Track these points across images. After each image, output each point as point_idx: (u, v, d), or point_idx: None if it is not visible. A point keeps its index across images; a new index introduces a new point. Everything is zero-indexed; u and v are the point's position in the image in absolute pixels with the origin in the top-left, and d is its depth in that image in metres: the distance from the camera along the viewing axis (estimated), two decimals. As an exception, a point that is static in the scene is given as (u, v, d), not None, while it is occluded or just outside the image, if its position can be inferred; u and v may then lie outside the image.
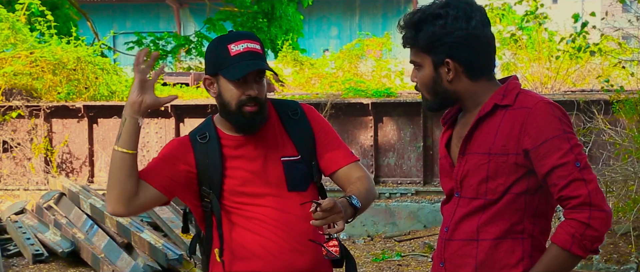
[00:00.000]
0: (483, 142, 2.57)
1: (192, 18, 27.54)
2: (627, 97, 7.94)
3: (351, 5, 28.12)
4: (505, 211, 2.56)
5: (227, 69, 2.87)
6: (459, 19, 2.53)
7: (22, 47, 11.79)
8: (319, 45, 26.51)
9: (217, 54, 2.91)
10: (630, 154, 7.45)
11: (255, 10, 18.33)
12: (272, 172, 2.97)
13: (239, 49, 2.87)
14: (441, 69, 2.58)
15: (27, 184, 11.37)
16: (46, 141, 11.43)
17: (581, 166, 2.46)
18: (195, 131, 3.03)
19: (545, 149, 2.46)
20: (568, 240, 2.45)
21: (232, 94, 2.88)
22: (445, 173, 2.74)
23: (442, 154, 2.76)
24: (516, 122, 2.52)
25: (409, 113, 10.82)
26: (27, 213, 9.39)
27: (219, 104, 2.96)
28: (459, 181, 2.64)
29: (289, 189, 2.99)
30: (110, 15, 27.86)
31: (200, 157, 2.94)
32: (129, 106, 2.85)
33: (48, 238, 8.57)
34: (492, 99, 2.59)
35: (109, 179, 2.84)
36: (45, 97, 11.73)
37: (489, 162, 2.54)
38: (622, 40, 11.52)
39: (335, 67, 15.50)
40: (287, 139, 3.05)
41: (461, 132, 2.68)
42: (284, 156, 3.01)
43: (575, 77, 13.05)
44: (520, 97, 2.57)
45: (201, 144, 2.96)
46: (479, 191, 2.58)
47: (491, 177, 2.54)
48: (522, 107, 2.53)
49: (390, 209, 10.03)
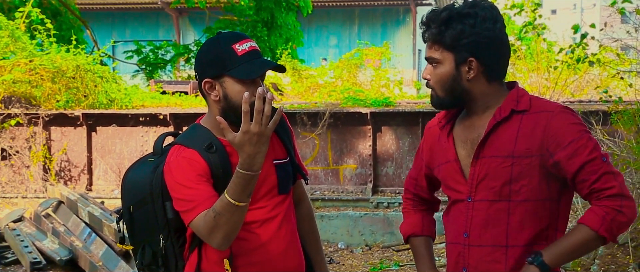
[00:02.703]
0: (502, 145, 2.60)
1: (191, 27, 27.58)
2: (625, 108, 7.94)
3: (350, 14, 28.16)
4: (533, 217, 2.59)
5: (238, 68, 2.75)
6: (487, 20, 2.58)
7: (22, 55, 11.81)
8: (318, 55, 26.56)
9: (221, 55, 2.78)
10: (629, 165, 7.44)
11: (255, 19, 18.35)
12: (265, 176, 2.89)
13: (245, 49, 2.78)
14: (462, 67, 2.61)
15: (25, 192, 11.36)
16: (45, 148, 11.43)
17: (607, 160, 2.54)
18: (196, 142, 2.84)
19: (573, 148, 2.51)
20: (598, 221, 2.49)
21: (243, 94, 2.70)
22: (453, 177, 2.73)
23: (450, 158, 2.74)
24: (537, 125, 2.56)
25: (407, 123, 10.83)
26: (25, 221, 9.39)
27: (224, 107, 2.80)
28: (475, 185, 2.65)
29: (279, 192, 2.95)
30: (109, 23, 27.92)
31: (214, 169, 2.79)
32: (261, 162, 2.60)
33: (46, 246, 8.55)
34: (507, 103, 2.62)
35: (221, 223, 2.65)
36: (44, 105, 11.73)
37: (513, 165, 2.57)
38: (621, 51, 11.54)
39: (334, 77, 15.53)
40: (277, 141, 3.00)
41: (468, 136, 2.70)
42: (276, 158, 2.95)
43: (574, 88, 13.06)
44: (535, 101, 2.63)
45: (211, 155, 2.80)
46: (501, 193, 2.60)
47: (515, 179, 2.57)
48: (542, 111, 2.59)
49: (388, 218, 10.02)
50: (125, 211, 2.98)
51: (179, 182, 2.76)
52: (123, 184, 3.02)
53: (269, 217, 2.92)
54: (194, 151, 2.80)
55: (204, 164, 2.77)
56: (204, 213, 2.69)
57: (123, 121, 11.50)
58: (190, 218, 2.73)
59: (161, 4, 26.47)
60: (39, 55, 11.91)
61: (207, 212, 2.69)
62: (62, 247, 8.40)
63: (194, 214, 2.72)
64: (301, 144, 11.00)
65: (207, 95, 2.84)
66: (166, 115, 11.13)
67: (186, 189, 2.75)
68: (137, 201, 2.93)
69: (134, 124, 11.44)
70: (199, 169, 2.76)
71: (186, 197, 2.74)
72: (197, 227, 2.72)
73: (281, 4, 18.24)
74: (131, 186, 2.97)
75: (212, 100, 2.83)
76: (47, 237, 8.76)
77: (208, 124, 2.91)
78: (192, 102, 12.59)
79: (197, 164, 2.77)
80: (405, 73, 22.21)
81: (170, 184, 2.79)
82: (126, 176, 3.02)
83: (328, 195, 10.92)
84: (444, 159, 2.77)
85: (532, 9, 11.96)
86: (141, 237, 2.97)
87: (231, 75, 2.76)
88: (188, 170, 2.77)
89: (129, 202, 2.97)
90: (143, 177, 2.91)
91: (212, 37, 2.88)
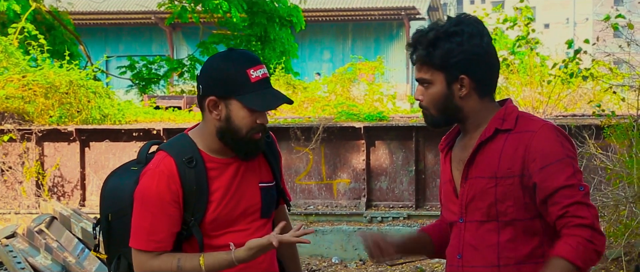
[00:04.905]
0: (487, 166, 2.58)
1: (184, 41, 27.62)
2: (618, 122, 7.96)
3: (344, 29, 28.23)
4: (523, 235, 2.57)
5: (249, 96, 2.70)
6: (474, 36, 2.56)
7: (15, 70, 11.80)
8: (311, 69, 26.59)
9: (233, 77, 2.70)
10: (622, 179, 7.46)
11: (249, 33, 18.36)
12: (249, 198, 2.86)
13: (258, 76, 2.72)
14: (454, 85, 2.59)
15: (18, 208, 11.32)
16: (38, 164, 11.41)
17: (584, 191, 2.49)
18: (178, 151, 2.80)
19: (550, 172, 2.47)
20: (572, 252, 2.43)
21: (246, 121, 2.72)
22: (449, 198, 2.73)
23: (445, 179, 2.74)
24: (520, 145, 2.53)
25: (401, 137, 10.83)
26: (18, 237, 9.34)
27: (223, 128, 2.75)
28: (465, 206, 2.63)
29: (261, 216, 2.90)
30: (103, 38, 27.95)
31: (187, 184, 2.76)
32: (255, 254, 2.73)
33: (39, 262, 8.51)
34: (492, 123, 2.60)
35: None
36: (37, 120, 11.71)
37: (497, 186, 2.54)
38: (614, 65, 11.58)
39: (328, 91, 15.54)
40: (264, 163, 2.95)
41: (461, 156, 2.68)
42: (262, 181, 2.91)
43: (567, 102, 13.09)
44: (521, 120, 2.60)
45: (188, 169, 2.76)
46: (489, 214, 2.57)
47: (500, 200, 2.55)
48: (525, 130, 2.55)
49: (382, 233, 10.01)
50: (103, 219, 2.93)
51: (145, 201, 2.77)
52: (103, 191, 2.97)
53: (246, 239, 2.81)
54: (173, 161, 2.77)
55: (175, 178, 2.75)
56: (166, 256, 2.75)
57: (116, 136, 11.48)
58: (140, 245, 2.77)
59: (154, 19, 26.50)
60: (32, 71, 11.90)
61: (169, 258, 2.75)
62: (55, 263, 8.36)
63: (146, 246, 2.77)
64: (295, 159, 10.99)
65: (207, 111, 2.78)
66: (159, 130, 11.12)
67: (148, 213, 2.76)
68: (116, 210, 2.88)
69: (127, 139, 11.43)
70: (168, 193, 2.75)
71: (145, 223, 2.77)
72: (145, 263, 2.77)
73: (274, 20, 18.25)
74: (111, 194, 2.92)
75: (212, 118, 2.77)
76: (40, 253, 8.72)
77: (196, 136, 2.86)
78: (186, 117, 12.58)
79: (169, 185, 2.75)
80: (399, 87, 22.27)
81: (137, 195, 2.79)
82: (107, 183, 2.97)
83: (322, 209, 10.91)
84: (443, 178, 2.77)
85: (525, 23, 11.99)
86: (117, 248, 2.92)
87: (241, 101, 2.71)
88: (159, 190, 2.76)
89: (107, 210, 2.91)
90: (124, 187, 2.87)
91: (224, 52, 2.82)
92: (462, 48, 2.54)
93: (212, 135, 2.80)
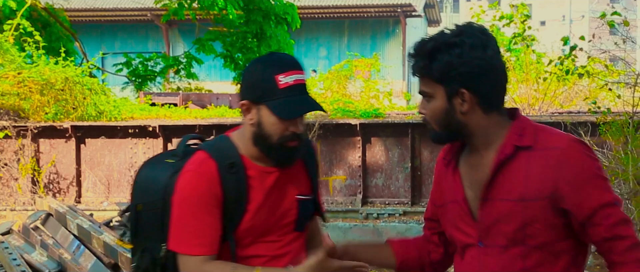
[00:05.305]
0: (512, 187, 2.39)
1: (180, 38, 27.57)
2: (613, 119, 7.98)
3: (340, 26, 28.22)
4: (551, 258, 2.41)
5: (276, 103, 2.62)
6: (475, 48, 2.37)
7: (10, 67, 11.78)
8: (307, 66, 26.20)
9: (262, 82, 2.63)
10: (617, 176, 7.46)
11: (245, 30, 18.34)
12: (285, 210, 2.78)
13: (288, 82, 2.62)
14: (455, 100, 2.41)
15: (13, 205, 11.32)
16: (33, 161, 11.39)
17: (620, 204, 2.39)
18: (220, 155, 2.72)
19: (585, 192, 2.33)
20: None
21: (277, 128, 2.64)
22: (461, 219, 2.53)
23: (456, 198, 2.54)
24: (547, 165, 2.36)
25: (397, 134, 10.84)
26: (14, 233, 9.33)
27: (256, 133, 2.68)
28: (485, 229, 2.45)
29: (295, 229, 2.82)
30: (98, 35, 27.88)
31: (227, 189, 2.67)
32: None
33: (34, 259, 8.50)
34: (509, 139, 2.42)
35: None
36: (32, 117, 11.70)
37: (525, 210, 2.37)
38: (609, 63, 11.59)
39: (324, 88, 15.55)
40: (304, 175, 2.87)
41: (474, 176, 2.49)
42: (300, 193, 2.82)
43: (563, 99, 13.11)
44: (541, 136, 2.42)
45: (229, 175, 2.68)
46: (515, 238, 2.40)
47: (528, 223, 2.37)
48: (550, 147, 2.38)
49: (378, 229, 10.02)
50: (132, 209, 2.85)
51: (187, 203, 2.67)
52: (136, 179, 2.88)
53: (278, 254, 2.77)
54: (215, 165, 2.68)
55: (216, 182, 2.67)
56: (220, 264, 2.67)
57: (112, 133, 11.47)
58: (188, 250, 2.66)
59: (151, 16, 26.45)
60: (28, 68, 11.88)
61: (224, 266, 2.66)
62: (51, 259, 8.35)
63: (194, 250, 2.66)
64: (291, 156, 10.98)
65: (243, 115, 2.73)
66: (155, 127, 11.11)
67: (191, 216, 2.67)
68: (146, 201, 2.79)
69: (123, 136, 11.42)
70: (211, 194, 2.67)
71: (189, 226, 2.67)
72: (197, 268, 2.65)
73: (270, 17, 18.24)
74: (143, 185, 2.83)
75: (248, 122, 2.71)
76: (35, 249, 8.71)
77: (238, 140, 2.77)
78: (182, 114, 12.57)
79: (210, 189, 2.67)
80: (395, 84, 22.25)
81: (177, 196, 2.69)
82: (141, 172, 2.88)
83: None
84: (451, 197, 2.56)
85: (521, 20, 12.02)
86: (143, 240, 2.83)
87: (268, 107, 2.64)
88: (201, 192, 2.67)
89: (137, 200, 2.83)
90: (157, 179, 2.77)
91: (263, 56, 2.77)
92: (461, 60, 2.37)
93: (250, 140, 2.73)
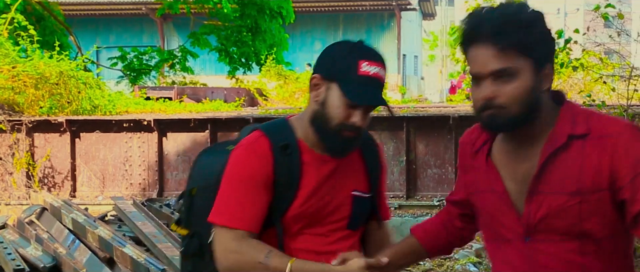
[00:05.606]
0: (566, 179, 2.19)
1: (175, 32, 27.55)
2: (608, 112, 7.99)
3: (335, 20, 28.22)
4: (608, 255, 2.25)
5: (349, 85, 2.51)
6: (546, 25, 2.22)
7: (4, 61, 11.76)
8: (302, 60, 26.57)
9: (343, 60, 2.54)
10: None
11: (240, 24, 18.35)
12: (339, 203, 2.64)
13: (368, 71, 2.52)
14: (541, 74, 2.20)
15: (8, 199, 11.30)
16: (28, 155, 11.38)
17: None
18: (275, 135, 2.61)
19: None
20: None
21: (339, 112, 2.52)
22: (502, 212, 2.32)
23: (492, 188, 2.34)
24: (603, 153, 2.15)
25: (392, 127, 10.83)
26: (8, 228, 9.33)
27: (317, 112, 2.56)
28: (534, 224, 2.24)
29: (347, 227, 2.67)
30: (93, 29, 27.86)
31: (280, 172, 2.56)
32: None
33: (29, 253, 8.50)
34: (561, 128, 2.21)
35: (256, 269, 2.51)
36: (27, 111, 11.68)
37: (581, 203, 2.17)
38: (604, 56, 11.60)
39: (319, 82, 15.53)
40: (363, 172, 2.73)
41: (516, 167, 2.29)
42: (357, 190, 2.68)
43: (558, 92, 13.11)
44: (594, 122, 2.21)
45: (283, 156, 2.57)
46: (570, 233, 2.21)
47: (585, 218, 2.18)
48: (606, 135, 2.17)
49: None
50: (187, 193, 2.77)
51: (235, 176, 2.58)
52: (193, 166, 2.81)
53: (327, 250, 2.60)
54: (268, 143, 2.58)
55: (269, 161, 2.56)
56: (257, 243, 2.53)
57: (107, 127, 11.45)
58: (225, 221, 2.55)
59: (145, 10, 26.44)
60: (22, 62, 11.87)
61: (259, 246, 2.53)
62: (46, 254, 8.35)
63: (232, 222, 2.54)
64: (286, 150, 10.98)
65: (310, 89, 2.62)
66: (150, 121, 11.10)
67: (236, 190, 2.57)
68: (201, 185, 2.71)
69: (118, 130, 11.40)
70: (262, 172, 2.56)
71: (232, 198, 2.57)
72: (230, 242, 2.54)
73: (265, 11, 18.25)
74: (200, 170, 2.75)
75: (312, 99, 2.60)
76: (30, 244, 8.71)
77: (296, 123, 2.67)
78: (176, 108, 12.57)
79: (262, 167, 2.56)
80: (390, 78, 22.27)
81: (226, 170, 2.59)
82: (199, 158, 2.81)
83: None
84: (486, 187, 2.36)
85: (516, 14, 11.99)
86: (194, 225, 2.74)
87: (340, 87, 2.52)
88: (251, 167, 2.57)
89: (192, 184, 2.76)
90: (214, 164, 2.67)
91: (351, 41, 2.64)
92: (549, 33, 2.21)
93: (308, 120, 2.61)
